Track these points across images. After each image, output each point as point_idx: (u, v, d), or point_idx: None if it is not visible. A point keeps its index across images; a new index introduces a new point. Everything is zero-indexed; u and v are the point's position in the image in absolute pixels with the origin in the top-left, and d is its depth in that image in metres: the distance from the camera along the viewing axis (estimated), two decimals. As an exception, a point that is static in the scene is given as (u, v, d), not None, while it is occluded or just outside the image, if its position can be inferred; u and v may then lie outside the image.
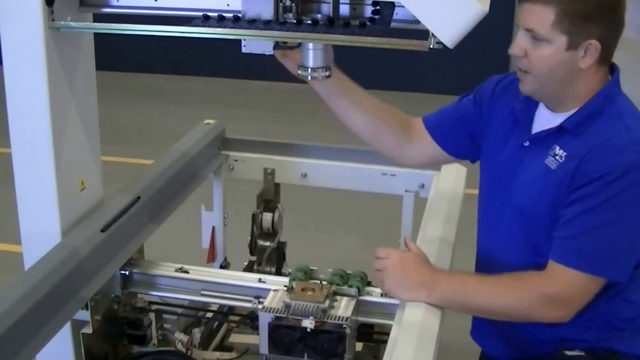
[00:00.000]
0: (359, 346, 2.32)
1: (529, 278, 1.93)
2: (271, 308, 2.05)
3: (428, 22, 1.73)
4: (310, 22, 1.88)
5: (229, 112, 6.93)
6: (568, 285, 1.89)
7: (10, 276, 1.91)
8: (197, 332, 2.52)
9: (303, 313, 2.02)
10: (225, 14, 1.93)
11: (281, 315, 2.03)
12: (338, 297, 2.10)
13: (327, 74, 1.99)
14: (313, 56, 1.96)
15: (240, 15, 1.91)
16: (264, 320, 2.04)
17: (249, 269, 3.03)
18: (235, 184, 3.06)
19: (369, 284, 2.20)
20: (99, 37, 2.11)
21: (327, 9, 1.92)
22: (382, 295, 2.12)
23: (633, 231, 1.89)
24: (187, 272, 2.28)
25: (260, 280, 2.24)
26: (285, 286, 2.14)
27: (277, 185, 3.01)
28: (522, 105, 2.06)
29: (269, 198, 3.02)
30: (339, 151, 2.84)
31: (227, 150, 2.98)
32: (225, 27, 1.89)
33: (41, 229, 2.09)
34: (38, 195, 2.07)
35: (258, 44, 1.92)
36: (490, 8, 1.75)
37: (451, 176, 2.71)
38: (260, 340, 2.07)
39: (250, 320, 2.42)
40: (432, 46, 1.77)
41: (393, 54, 4.59)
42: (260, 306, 2.09)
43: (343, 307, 2.07)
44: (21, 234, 2.13)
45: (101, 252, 2.09)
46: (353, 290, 2.12)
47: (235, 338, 2.74)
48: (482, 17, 1.71)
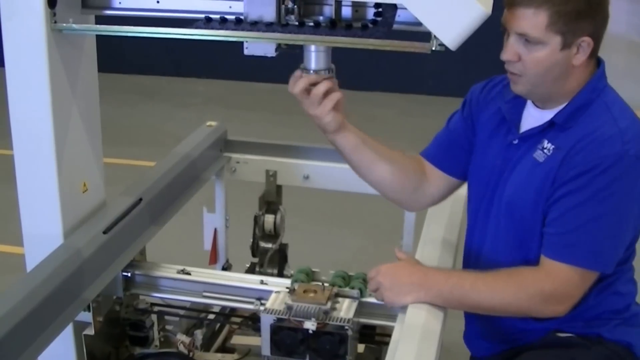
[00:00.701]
0: (360, 348, 2.32)
1: (526, 275, 1.94)
2: (273, 310, 2.05)
3: (430, 24, 1.73)
4: (312, 24, 1.88)
5: (231, 114, 6.93)
6: (564, 281, 1.90)
7: (13, 278, 1.91)
8: (199, 334, 2.52)
9: (305, 315, 2.03)
10: (228, 16, 1.94)
11: (283, 317, 2.03)
12: (340, 299, 2.10)
13: (330, 76, 1.99)
14: (315, 58, 1.96)
15: (242, 17, 1.91)
16: (266, 321, 2.04)
17: (251, 270, 3.03)
18: (237, 185, 3.06)
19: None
20: (101, 39, 2.11)
21: (329, 11, 1.92)
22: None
23: (623, 222, 1.91)
24: (189, 274, 2.28)
25: (262, 282, 2.24)
26: (287, 288, 2.14)
27: (279, 187, 3.01)
28: (510, 105, 2.07)
29: (271, 200, 3.02)
30: (341, 153, 2.84)
31: (229, 152, 2.98)
32: (227, 29, 1.89)
33: (43, 231, 2.10)
34: (40, 196, 2.08)
35: (260, 46, 1.93)
36: (492, 10, 1.75)
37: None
38: (262, 342, 2.07)
39: (252, 321, 2.43)
40: (434, 48, 1.77)
41: (395, 56, 4.59)
42: (262, 308, 2.10)
43: (345, 309, 2.07)
44: (23, 236, 2.14)
45: (103, 254, 2.09)
46: (355, 292, 2.12)
47: (237, 340, 2.74)
48: (484, 19, 1.71)
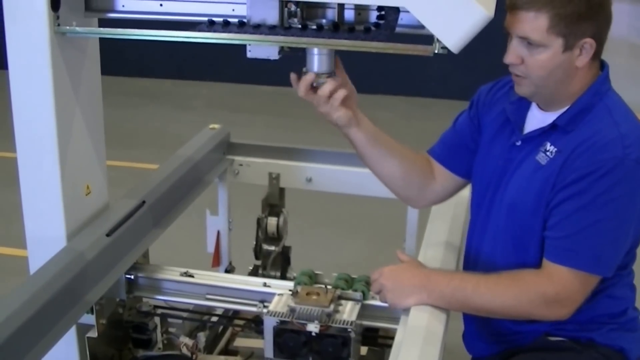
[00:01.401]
0: (363, 350, 2.32)
1: (528, 278, 1.94)
2: (276, 312, 2.05)
3: (433, 27, 1.73)
4: (315, 27, 1.88)
5: (234, 116, 6.94)
6: (566, 285, 1.90)
7: (16, 280, 1.91)
8: (202, 336, 2.52)
9: (308, 317, 2.03)
10: (231, 19, 1.94)
11: (286, 319, 2.03)
12: (343, 302, 2.11)
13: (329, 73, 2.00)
14: (318, 61, 1.96)
15: (245, 20, 1.92)
16: (269, 324, 2.05)
17: (254, 273, 3.03)
18: (240, 188, 3.06)
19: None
20: (105, 42, 2.12)
21: (332, 14, 1.93)
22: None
23: (624, 227, 1.91)
24: (192, 277, 2.29)
25: (265, 285, 2.24)
26: (290, 290, 2.14)
27: (282, 190, 3.02)
28: (514, 107, 2.07)
29: (274, 202, 3.02)
30: (344, 156, 2.84)
31: (232, 155, 2.99)
32: (230, 32, 1.90)
33: (46, 233, 2.10)
34: (43, 199, 2.08)
35: (263, 49, 1.93)
36: (495, 12, 1.76)
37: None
38: (265, 344, 2.08)
39: (255, 324, 2.43)
40: (436, 51, 1.77)
41: (398, 59, 4.59)
42: (265, 310, 2.10)
43: (348, 311, 2.07)
44: (27, 238, 2.14)
45: (106, 257, 2.10)
46: (358, 295, 2.12)
47: (240, 342, 2.74)
48: (487, 21, 1.71)
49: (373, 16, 1.93)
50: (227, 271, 3.07)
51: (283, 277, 3.05)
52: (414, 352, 1.75)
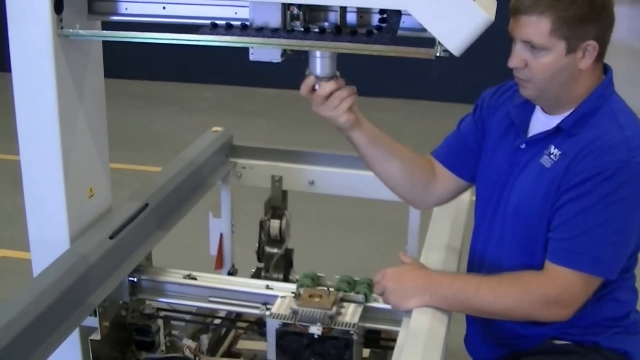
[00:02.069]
0: (366, 352, 2.32)
1: (529, 279, 1.94)
2: (279, 314, 2.05)
3: (434, 30, 1.74)
4: (317, 30, 1.89)
5: (236, 119, 6.95)
6: (568, 286, 1.90)
7: (19, 283, 1.91)
8: (205, 339, 2.52)
9: (310, 319, 2.03)
10: (233, 22, 1.95)
11: (288, 321, 2.04)
12: (345, 304, 2.11)
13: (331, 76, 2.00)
14: (321, 64, 1.97)
15: (248, 23, 1.92)
16: (272, 326, 2.05)
17: (256, 275, 3.03)
18: (243, 191, 3.07)
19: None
20: (108, 45, 2.12)
21: (334, 17, 1.93)
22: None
23: (627, 229, 1.91)
24: (195, 279, 2.29)
25: (267, 287, 2.24)
26: (292, 293, 2.14)
27: (284, 193, 3.02)
28: (518, 110, 2.07)
29: (277, 205, 3.02)
30: (346, 158, 2.84)
31: (234, 158, 2.99)
32: (233, 35, 1.90)
33: (50, 236, 2.10)
34: (47, 202, 2.08)
35: (266, 51, 1.93)
36: (496, 15, 1.76)
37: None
38: (268, 347, 2.08)
39: (257, 326, 2.43)
40: (438, 54, 1.78)
41: (400, 62, 4.60)
42: (267, 312, 2.10)
43: (350, 314, 2.07)
44: (30, 241, 2.14)
45: (109, 259, 2.10)
46: (360, 297, 2.12)
47: (243, 344, 2.74)
48: (488, 25, 1.72)
49: (375, 19, 1.93)
50: (230, 274, 3.08)
51: (285, 279, 3.05)
52: (416, 354, 1.75)
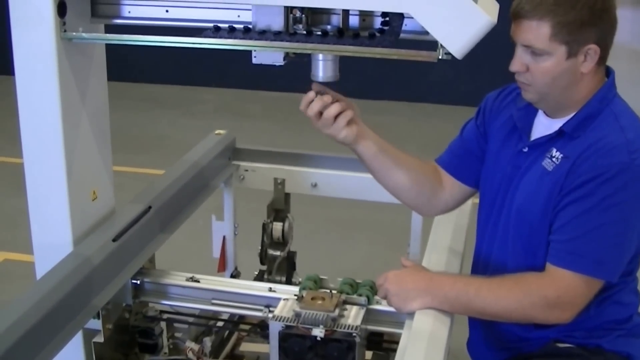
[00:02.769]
0: (368, 355, 2.32)
1: (530, 281, 1.95)
2: (281, 317, 2.06)
3: (437, 33, 1.74)
4: (320, 33, 1.89)
5: (239, 122, 6.95)
6: (569, 288, 1.90)
7: (22, 285, 1.92)
8: (207, 341, 2.52)
9: (313, 322, 2.03)
10: (236, 25, 1.95)
11: (291, 324, 2.04)
12: (348, 306, 2.11)
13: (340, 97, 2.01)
14: (323, 67, 1.97)
15: (250, 26, 1.93)
16: (274, 329, 2.05)
17: (259, 278, 3.03)
18: (245, 193, 3.07)
19: (378, 293, 2.21)
20: (111, 48, 2.13)
21: (336, 20, 1.94)
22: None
23: (628, 232, 1.91)
24: (198, 282, 2.29)
25: (270, 290, 2.24)
26: (295, 295, 2.14)
27: (287, 195, 3.02)
28: (521, 113, 2.08)
29: (279, 208, 3.02)
30: (349, 161, 2.84)
31: (237, 161, 2.99)
32: (235, 38, 1.91)
33: (53, 239, 2.11)
34: (50, 205, 2.09)
35: (268, 54, 1.94)
36: (499, 18, 1.76)
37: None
38: (271, 349, 2.08)
39: (260, 329, 2.43)
40: (440, 57, 1.78)
41: (402, 65, 4.60)
42: (270, 315, 2.10)
43: (353, 316, 2.07)
44: (33, 244, 2.15)
45: (112, 262, 2.10)
46: (363, 299, 2.13)
47: (246, 347, 2.74)
48: (490, 27, 1.72)
49: (377, 22, 1.94)
50: (233, 276, 3.08)
51: (288, 282, 3.05)
52: (419, 356, 1.75)
